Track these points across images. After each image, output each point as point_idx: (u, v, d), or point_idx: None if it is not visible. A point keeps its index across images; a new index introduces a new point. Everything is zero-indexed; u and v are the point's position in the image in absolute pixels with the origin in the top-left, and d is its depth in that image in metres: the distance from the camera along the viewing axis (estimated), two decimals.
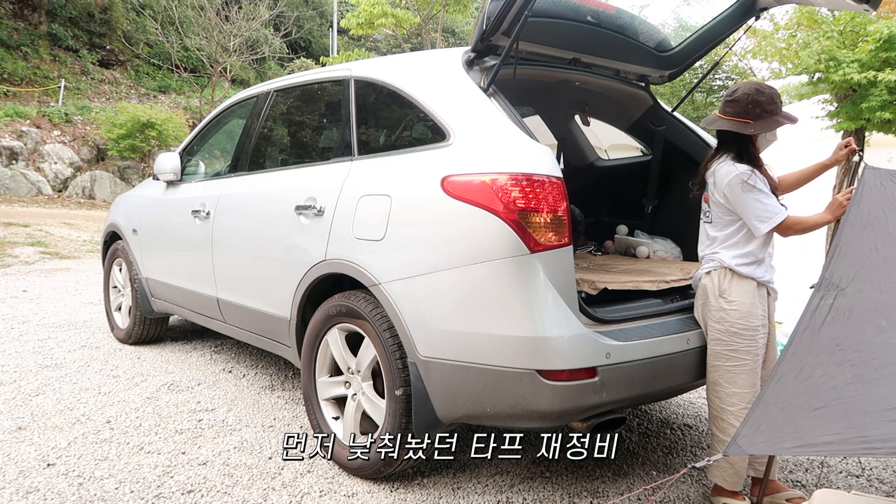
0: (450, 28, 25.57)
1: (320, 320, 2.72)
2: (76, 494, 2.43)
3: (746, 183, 2.29)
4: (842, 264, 2.03)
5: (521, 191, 2.09)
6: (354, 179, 2.65)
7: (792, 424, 1.72)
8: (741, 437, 1.77)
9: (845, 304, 1.92)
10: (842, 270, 2.02)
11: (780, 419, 1.76)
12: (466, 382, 2.21)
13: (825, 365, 1.79)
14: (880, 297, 1.93)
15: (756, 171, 2.32)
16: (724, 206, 2.37)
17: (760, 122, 2.32)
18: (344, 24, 18.09)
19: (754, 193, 2.28)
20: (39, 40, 18.59)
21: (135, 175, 16.23)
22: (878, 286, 1.96)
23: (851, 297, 1.94)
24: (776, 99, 2.34)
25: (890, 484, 2.72)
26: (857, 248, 2.06)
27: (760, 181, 2.30)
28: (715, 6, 2.94)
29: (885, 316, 1.87)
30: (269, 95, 3.52)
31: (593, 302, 2.35)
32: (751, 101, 2.32)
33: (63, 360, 4.11)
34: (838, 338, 1.85)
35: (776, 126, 2.35)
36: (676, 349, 2.34)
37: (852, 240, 2.08)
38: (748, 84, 2.40)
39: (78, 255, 9.31)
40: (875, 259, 2.02)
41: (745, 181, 2.29)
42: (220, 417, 3.22)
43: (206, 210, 3.57)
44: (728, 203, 2.35)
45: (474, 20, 14.71)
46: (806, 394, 1.75)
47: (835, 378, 1.75)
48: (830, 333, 1.86)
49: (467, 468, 2.71)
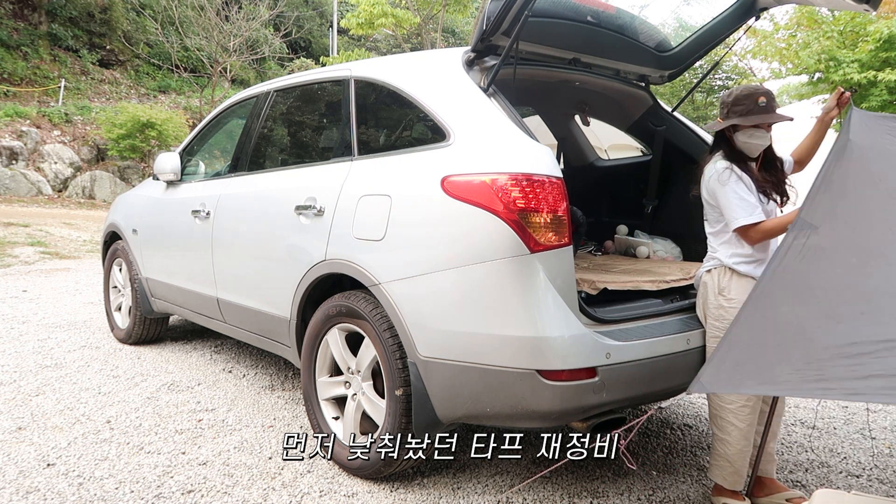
0: (450, 28, 25.57)
1: (320, 320, 2.71)
2: (76, 494, 2.43)
3: (721, 177, 2.33)
4: (818, 204, 1.99)
5: (521, 191, 2.09)
6: (354, 179, 2.65)
7: (754, 362, 1.69)
8: (704, 375, 1.75)
9: (817, 242, 1.88)
10: (817, 210, 1.98)
11: (743, 357, 1.73)
12: (466, 382, 2.21)
13: (792, 304, 1.75)
14: (853, 235, 1.88)
15: (735, 168, 2.35)
16: (711, 203, 2.42)
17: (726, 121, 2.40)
18: (344, 24, 18.12)
19: (728, 189, 2.31)
20: (39, 40, 18.58)
21: (135, 175, 16.23)
22: (852, 225, 1.91)
23: (824, 235, 1.89)
24: (743, 100, 2.36)
25: (890, 484, 2.72)
26: (836, 187, 2.02)
27: (737, 178, 2.32)
28: (715, 6, 2.94)
29: (855, 254, 1.82)
30: (269, 95, 3.52)
31: (593, 302, 2.35)
32: (723, 102, 2.44)
33: (63, 360, 4.11)
34: (808, 276, 1.81)
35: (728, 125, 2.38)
36: (676, 349, 2.34)
37: (831, 180, 2.04)
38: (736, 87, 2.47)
39: (78, 255, 9.31)
40: (852, 197, 1.98)
41: (720, 175, 2.34)
42: (220, 417, 3.21)
43: (206, 210, 3.57)
44: (712, 200, 2.39)
45: (474, 20, 14.68)
46: (770, 331, 1.72)
47: (800, 316, 1.70)
48: (800, 272, 1.82)
49: (467, 468, 2.71)
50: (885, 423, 3.40)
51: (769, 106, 2.36)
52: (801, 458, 2.93)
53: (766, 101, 2.36)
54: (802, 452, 2.99)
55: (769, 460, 2.46)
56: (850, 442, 3.13)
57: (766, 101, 2.36)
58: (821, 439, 3.16)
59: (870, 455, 2.98)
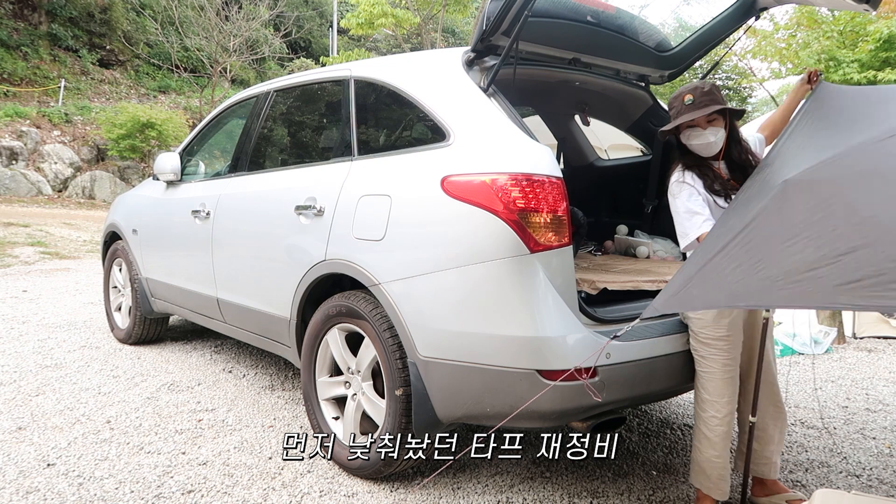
0: (450, 28, 25.58)
1: (320, 320, 2.71)
2: (76, 494, 2.43)
3: (672, 190, 2.32)
4: (778, 148, 2.09)
5: (521, 191, 2.09)
6: (354, 179, 2.65)
7: (701, 281, 1.74)
8: (657, 301, 1.79)
9: (769, 174, 1.94)
10: (775, 152, 2.09)
11: (692, 272, 1.78)
12: (466, 382, 2.21)
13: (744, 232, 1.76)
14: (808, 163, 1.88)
15: (686, 176, 2.30)
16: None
17: (661, 128, 2.39)
18: (344, 24, 18.13)
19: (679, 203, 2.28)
20: (39, 40, 18.59)
21: (135, 175, 16.23)
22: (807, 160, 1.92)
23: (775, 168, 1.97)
24: (672, 102, 2.34)
25: (890, 484, 2.72)
26: (797, 138, 2.09)
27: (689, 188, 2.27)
28: (715, 6, 2.94)
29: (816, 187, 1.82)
30: (269, 95, 3.52)
31: (593, 302, 2.35)
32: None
33: (63, 361, 4.11)
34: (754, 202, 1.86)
35: (663, 130, 2.37)
36: (676, 349, 2.34)
37: (794, 134, 2.12)
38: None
39: (78, 255, 9.31)
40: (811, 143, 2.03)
41: (671, 188, 2.33)
42: (220, 417, 3.22)
43: (206, 210, 3.57)
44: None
45: (474, 20, 14.72)
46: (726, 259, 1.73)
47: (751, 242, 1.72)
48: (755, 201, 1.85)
49: (467, 468, 2.71)
50: (885, 423, 3.40)
51: (697, 102, 2.27)
52: (801, 458, 2.93)
53: (694, 97, 2.27)
54: (802, 452, 2.99)
55: (764, 462, 2.42)
56: (850, 442, 3.13)
57: (694, 98, 2.27)
58: (821, 439, 3.16)
59: (870, 455, 2.98)
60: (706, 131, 2.30)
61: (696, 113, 2.26)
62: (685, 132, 2.33)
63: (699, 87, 2.32)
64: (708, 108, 2.27)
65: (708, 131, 2.30)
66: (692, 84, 2.37)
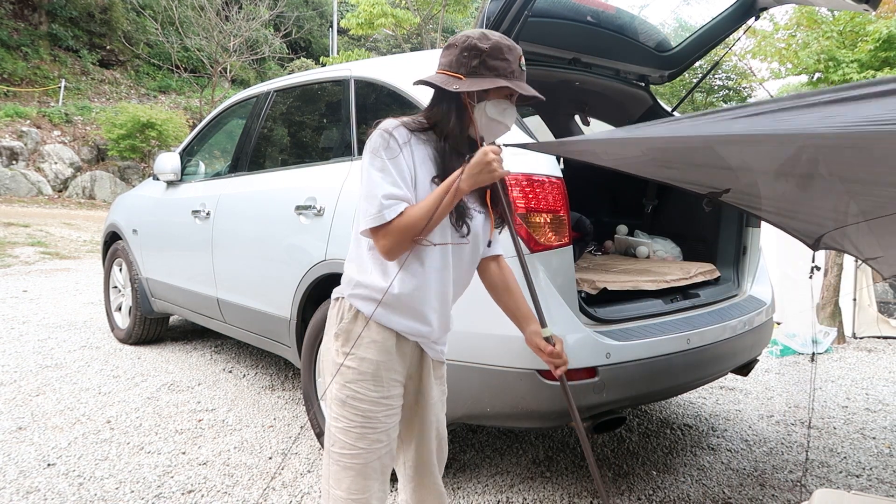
0: (450, 28, 25.56)
1: (320, 320, 2.71)
2: (76, 494, 2.43)
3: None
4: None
5: (521, 191, 2.09)
6: (354, 179, 2.65)
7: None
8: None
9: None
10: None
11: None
12: (466, 382, 2.21)
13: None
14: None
15: (397, 131, 1.58)
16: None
17: (474, 80, 1.46)
18: (344, 24, 18.14)
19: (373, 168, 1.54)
20: (39, 40, 18.59)
21: (135, 175, 16.23)
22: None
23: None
24: (506, 54, 1.46)
25: (890, 484, 2.72)
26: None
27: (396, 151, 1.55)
28: (715, 6, 2.94)
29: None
30: (269, 95, 3.52)
31: (593, 302, 2.35)
32: (469, 46, 1.47)
33: (63, 361, 4.11)
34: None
35: (491, 86, 1.44)
36: (676, 349, 2.34)
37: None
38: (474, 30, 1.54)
39: (78, 256, 9.31)
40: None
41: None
42: (220, 417, 3.22)
43: (206, 210, 3.57)
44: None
45: (474, 20, 14.71)
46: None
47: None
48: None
49: (467, 468, 2.71)
50: (884, 423, 3.40)
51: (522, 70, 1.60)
52: (801, 458, 2.93)
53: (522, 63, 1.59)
54: (802, 452, 2.99)
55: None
56: (850, 442, 3.14)
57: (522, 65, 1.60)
58: (821, 439, 3.16)
59: (869, 455, 2.98)
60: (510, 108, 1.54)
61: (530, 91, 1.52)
62: (492, 100, 1.50)
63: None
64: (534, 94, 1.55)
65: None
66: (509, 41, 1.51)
